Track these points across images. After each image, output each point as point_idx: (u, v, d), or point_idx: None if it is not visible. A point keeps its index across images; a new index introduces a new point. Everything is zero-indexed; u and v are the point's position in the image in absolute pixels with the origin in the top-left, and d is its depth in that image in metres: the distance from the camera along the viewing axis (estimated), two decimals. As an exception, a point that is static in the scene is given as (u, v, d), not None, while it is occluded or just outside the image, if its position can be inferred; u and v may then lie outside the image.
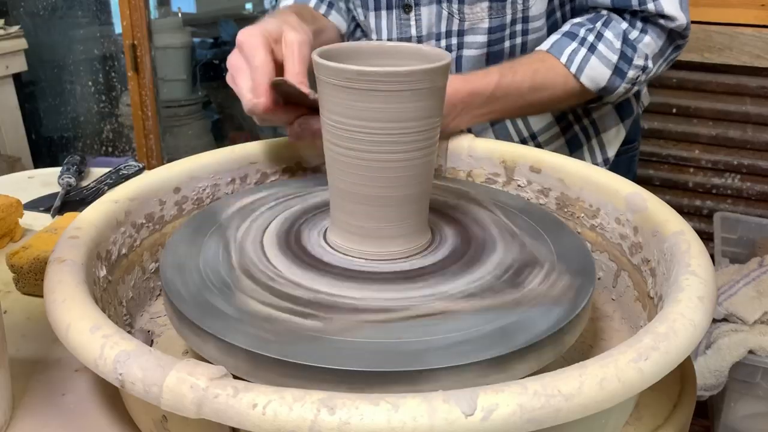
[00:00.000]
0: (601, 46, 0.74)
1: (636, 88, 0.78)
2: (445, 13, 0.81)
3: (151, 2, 2.32)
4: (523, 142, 0.89)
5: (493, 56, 0.83)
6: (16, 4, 2.46)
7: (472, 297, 0.47)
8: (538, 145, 0.89)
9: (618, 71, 0.75)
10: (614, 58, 0.74)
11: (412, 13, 0.83)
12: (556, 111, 0.86)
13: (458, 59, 0.83)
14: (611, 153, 0.90)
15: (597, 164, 0.88)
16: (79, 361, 0.39)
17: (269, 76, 0.59)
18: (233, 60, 0.62)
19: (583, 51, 0.74)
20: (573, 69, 0.74)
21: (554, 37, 0.77)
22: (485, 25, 0.80)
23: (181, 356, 0.52)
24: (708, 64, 1.67)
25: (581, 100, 0.80)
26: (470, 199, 0.61)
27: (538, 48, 0.78)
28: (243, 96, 0.60)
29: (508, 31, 0.81)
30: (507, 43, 0.82)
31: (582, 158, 0.88)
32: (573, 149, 0.90)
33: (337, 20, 0.93)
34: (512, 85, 0.73)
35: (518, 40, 0.82)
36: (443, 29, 0.82)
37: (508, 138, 0.88)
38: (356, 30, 0.93)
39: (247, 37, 0.61)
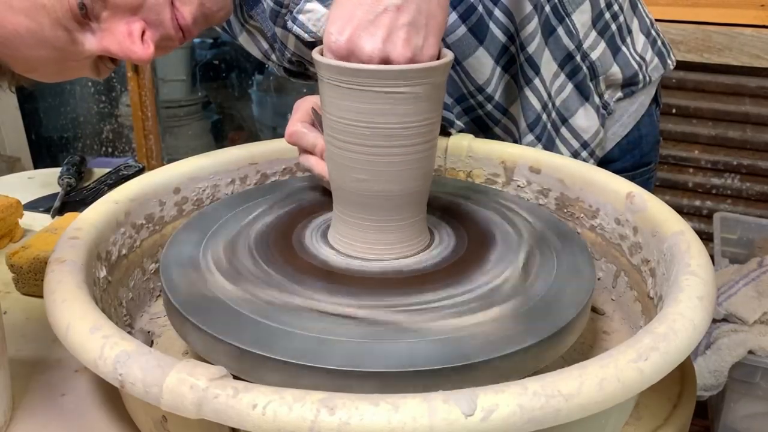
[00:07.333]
0: None
1: None
2: None
3: (151, 3, 2.32)
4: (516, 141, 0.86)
5: None
6: (16, 5, 2.45)
7: (475, 296, 0.47)
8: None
9: None
10: None
11: None
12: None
13: None
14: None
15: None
16: (79, 361, 0.39)
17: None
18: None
19: None
20: None
21: None
22: None
23: (181, 356, 0.52)
24: (708, 64, 1.67)
25: None
26: (469, 200, 0.61)
27: None
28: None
29: None
30: None
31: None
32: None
33: None
34: None
35: None
36: None
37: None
38: None
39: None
